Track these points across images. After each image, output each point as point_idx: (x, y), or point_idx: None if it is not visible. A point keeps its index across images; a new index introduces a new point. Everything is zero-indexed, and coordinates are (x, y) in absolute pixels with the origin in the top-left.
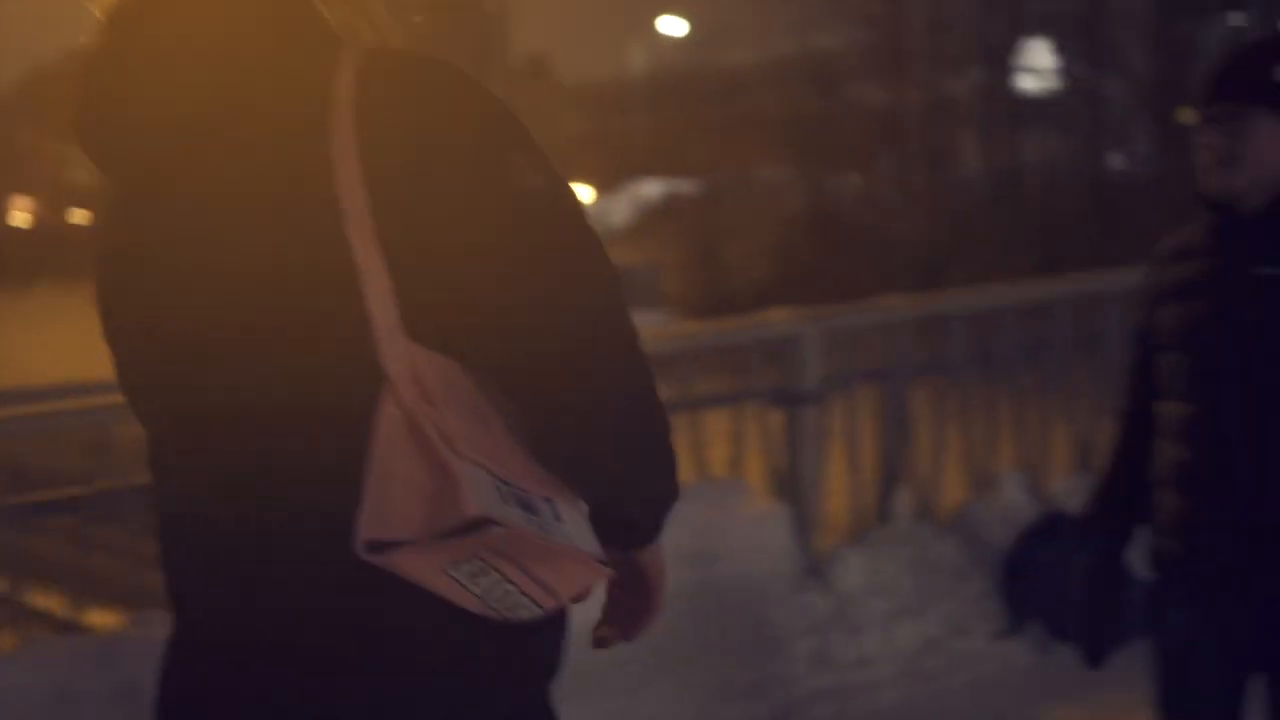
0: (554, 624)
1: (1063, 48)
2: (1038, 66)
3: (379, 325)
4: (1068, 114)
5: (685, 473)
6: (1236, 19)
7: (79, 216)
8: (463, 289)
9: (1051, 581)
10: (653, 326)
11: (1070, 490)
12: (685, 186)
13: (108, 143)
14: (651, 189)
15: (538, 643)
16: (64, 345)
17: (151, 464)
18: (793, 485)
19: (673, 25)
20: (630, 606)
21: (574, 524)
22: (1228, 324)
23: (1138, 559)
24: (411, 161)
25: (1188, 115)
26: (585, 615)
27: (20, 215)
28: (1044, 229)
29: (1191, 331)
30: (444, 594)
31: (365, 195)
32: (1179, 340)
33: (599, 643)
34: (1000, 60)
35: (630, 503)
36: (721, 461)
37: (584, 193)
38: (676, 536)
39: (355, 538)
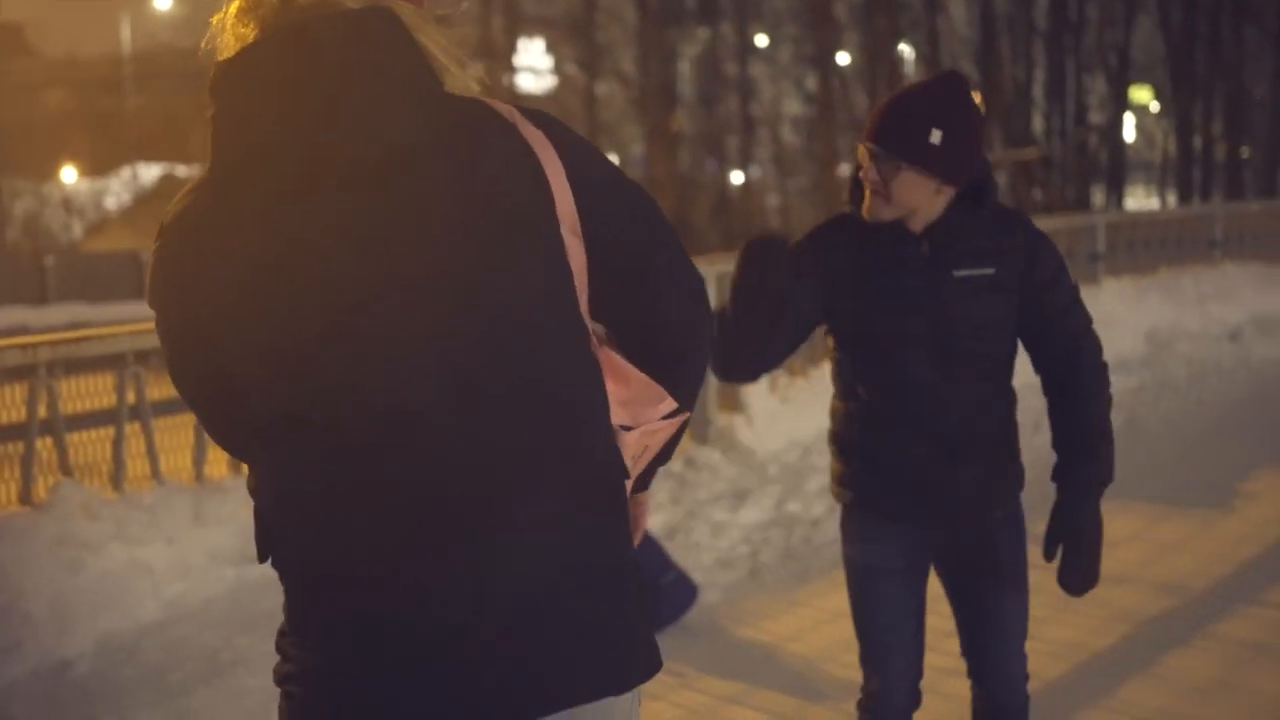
0: None
1: (556, 48)
2: (535, 66)
3: (582, 301)
4: (565, 113)
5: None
6: (705, 34)
7: None
8: (630, 259)
9: None
10: None
11: None
12: (184, 170)
13: (297, 166)
14: (148, 172)
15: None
16: None
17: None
18: None
19: (164, 1)
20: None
21: None
22: (934, 320)
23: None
24: (592, 181)
25: (678, 122)
26: None
27: None
28: None
29: (895, 328)
30: (633, 471)
31: (574, 208)
32: (882, 333)
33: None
34: (502, 58)
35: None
36: None
37: (70, 175)
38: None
39: (610, 425)
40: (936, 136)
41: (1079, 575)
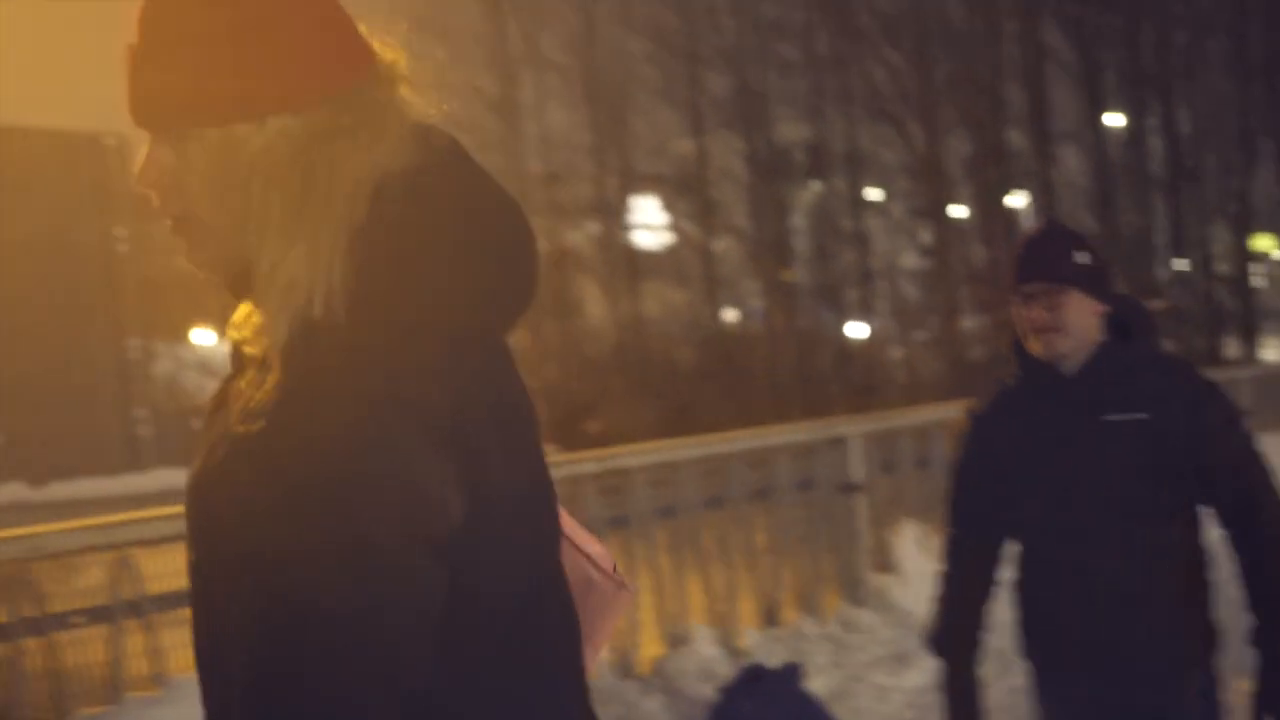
0: None
1: (670, 205)
2: (650, 223)
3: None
4: (682, 268)
5: None
6: (816, 186)
7: None
8: None
9: None
10: None
11: (760, 643)
12: None
13: None
14: None
15: None
16: None
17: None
18: None
19: None
20: None
21: None
22: (1086, 466)
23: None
24: None
25: (790, 274)
26: None
27: None
28: (670, 379)
29: (1053, 475)
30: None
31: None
32: (1042, 484)
33: None
34: (616, 214)
35: None
36: None
37: (201, 335)
38: None
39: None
40: (1083, 257)
41: None
